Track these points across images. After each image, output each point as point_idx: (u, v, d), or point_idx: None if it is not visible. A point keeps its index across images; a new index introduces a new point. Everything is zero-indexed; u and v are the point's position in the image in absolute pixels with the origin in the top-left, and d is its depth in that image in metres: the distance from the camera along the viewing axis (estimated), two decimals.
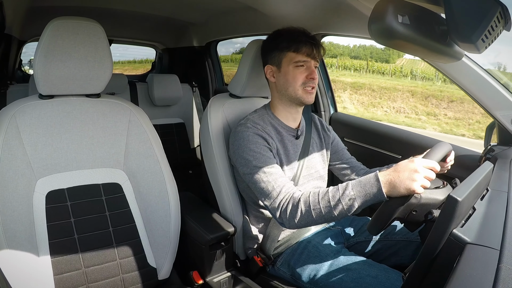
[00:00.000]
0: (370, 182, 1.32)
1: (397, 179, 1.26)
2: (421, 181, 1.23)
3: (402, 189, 1.24)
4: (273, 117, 1.83)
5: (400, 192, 1.25)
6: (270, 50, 1.81)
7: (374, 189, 1.30)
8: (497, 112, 1.76)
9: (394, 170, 1.29)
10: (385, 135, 2.52)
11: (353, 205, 1.34)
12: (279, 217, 1.53)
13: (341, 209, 1.36)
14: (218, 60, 4.54)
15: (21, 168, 1.50)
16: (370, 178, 1.33)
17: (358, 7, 1.83)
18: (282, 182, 1.57)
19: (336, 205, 1.36)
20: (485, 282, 0.76)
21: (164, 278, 1.73)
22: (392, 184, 1.27)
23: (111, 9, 3.27)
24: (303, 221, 1.45)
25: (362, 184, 1.34)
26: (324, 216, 1.40)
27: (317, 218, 1.42)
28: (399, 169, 1.28)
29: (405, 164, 1.28)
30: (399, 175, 1.26)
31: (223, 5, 2.96)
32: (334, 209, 1.37)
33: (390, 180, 1.28)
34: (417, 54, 1.25)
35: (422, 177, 1.23)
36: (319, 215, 1.41)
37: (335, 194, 1.38)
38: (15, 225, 1.43)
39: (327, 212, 1.38)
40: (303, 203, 1.45)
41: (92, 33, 1.57)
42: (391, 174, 1.28)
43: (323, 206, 1.39)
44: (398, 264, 1.75)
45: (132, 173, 1.73)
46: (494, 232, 0.97)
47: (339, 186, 1.39)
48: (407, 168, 1.26)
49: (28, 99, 1.60)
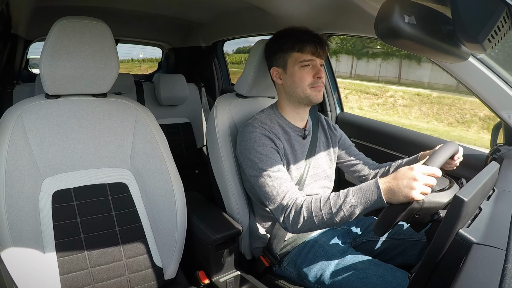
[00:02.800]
0: (371, 190, 1.32)
1: (395, 187, 1.26)
2: (420, 189, 1.22)
3: (401, 197, 1.24)
4: (281, 117, 1.82)
5: (399, 200, 1.25)
6: (274, 52, 1.81)
7: (375, 196, 1.31)
8: (503, 112, 1.75)
9: (393, 177, 1.29)
10: (391, 135, 2.51)
11: (354, 211, 1.34)
12: (283, 222, 1.54)
13: (342, 216, 1.36)
14: (224, 59, 4.55)
15: (27, 167, 1.50)
16: (370, 185, 1.34)
17: (364, 6, 1.82)
18: (287, 187, 1.57)
19: (337, 212, 1.37)
20: (491, 282, 0.76)
21: (170, 277, 1.73)
22: (392, 191, 1.27)
23: (117, 9, 3.28)
24: (306, 226, 1.46)
25: (362, 191, 1.34)
26: (326, 222, 1.41)
27: (319, 224, 1.43)
28: (398, 176, 1.28)
29: (404, 171, 1.28)
30: (397, 183, 1.26)
31: (229, 5, 2.96)
32: (336, 216, 1.37)
33: (389, 187, 1.28)
34: (423, 54, 1.25)
35: (421, 185, 1.23)
36: (321, 221, 1.41)
37: (336, 201, 1.38)
38: (21, 225, 1.43)
39: (329, 219, 1.39)
40: (305, 210, 1.45)
41: (98, 33, 1.57)
42: (391, 181, 1.29)
43: (325, 213, 1.40)
44: (404, 263, 1.75)
45: (138, 172, 1.73)
46: (500, 232, 0.97)
47: (340, 193, 1.40)
48: (406, 176, 1.26)
49: (34, 98, 1.60)
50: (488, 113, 13.77)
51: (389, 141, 2.50)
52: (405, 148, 2.36)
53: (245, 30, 3.56)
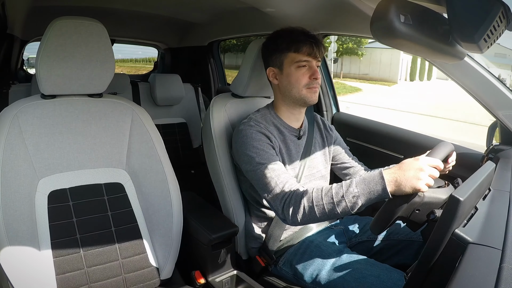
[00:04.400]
0: (375, 180, 1.31)
1: (402, 178, 1.25)
2: (426, 180, 1.22)
3: (408, 188, 1.24)
4: (276, 117, 1.83)
5: (405, 191, 1.24)
6: (270, 52, 1.81)
7: (379, 187, 1.29)
8: (499, 111, 1.76)
9: (399, 168, 1.28)
10: (387, 134, 2.51)
11: (357, 202, 1.33)
12: (282, 213, 1.52)
13: (344, 206, 1.35)
14: (220, 60, 4.55)
15: (23, 168, 1.50)
16: (374, 175, 1.32)
17: (360, 6, 1.82)
18: (285, 178, 1.57)
19: (339, 202, 1.35)
20: (487, 282, 0.76)
21: (166, 277, 1.73)
22: (398, 182, 1.26)
23: (113, 9, 3.28)
24: (306, 217, 1.44)
25: (366, 182, 1.33)
26: (327, 213, 1.39)
27: (319, 215, 1.40)
28: (404, 167, 1.27)
29: (410, 162, 1.27)
30: (404, 174, 1.25)
31: (225, 5, 2.96)
32: (337, 206, 1.35)
33: (395, 178, 1.27)
34: (419, 53, 1.25)
35: (427, 176, 1.23)
36: (322, 212, 1.39)
37: (338, 191, 1.37)
38: (17, 225, 1.43)
39: (330, 209, 1.37)
40: (306, 199, 1.43)
41: (94, 33, 1.57)
42: (396, 172, 1.27)
43: (326, 202, 1.38)
44: (400, 263, 1.74)
45: (134, 172, 1.73)
46: (496, 232, 0.98)
47: (343, 183, 1.38)
48: (413, 166, 1.25)
49: (30, 99, 1.60)
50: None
51: (385, 141, 2.50)
52: (402, 148, 2.36)
53: (241, 30, 3.57)
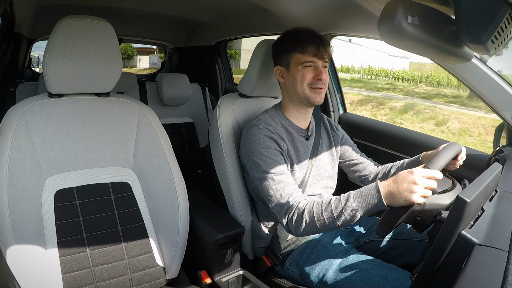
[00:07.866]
0: (371, 193, 1.33)
1: (396, 191, 1.26)
2: (420, 192, 1.23)
3: (402, 201, 1.25)
4: (284, 118, 1.83)
5: (399, 203, 1.25)
6: (278, 52, 1.82)
7: (375, 200, 1.31)
8: (506, 113, 1.75)
9: (394, 181, 1.29)
10: (394, 135, 2.51)
11: (355, 215, 1.35)
12: (286, 225, 1.55)
13: (344, 220, 1.38)
14: (227, 59, 4.54)
15: (30, 166, 1.50)
16: (371, 189, 1.34)
17: (368, 7, 1.82)
18: (290, 190, 1.58)
19: (339, 216, 1.38)
20: (494, 283, 0.76)
21: (172, 277, 1.74)
22: (392, 195, 1.27)
23: (121, 8, 3.28)
24: (308, 230, 1.48)
25: (363, 195, 1.35)
26: (328, 226, 1.42)
27: (321, 227, 1.44)
28: (398, 180, 1.28)
29: (404, 175, 1.28)
30: (398, 187, 1.26)
31: (232, 5, 2.96)
32: (337, 220, 1.38)
33: (389, 191, 1.28)
34: (427, 55, 1.25)
35: (421, 189, 1.23)
36: (323, 225, 1.43)
37: (337, 205, 1.39)
38: (24, 224, 1.43)
39: (331, 223, 1.40)
40: (307, 214, 1.46)
41: (101, 32, 1.57)
42: (391, 185, 1.29)
43: (327, 217, 1.41)
44: (407, 264, 1.74)
45: (141, 172, 1.74)
46: (503, 234, 0.97)
47: (341, 197, 1.41)
48: (406, 179, 1.26)
49: (37, 97, 1.60)
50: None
51: (391, 142, 2.49)
52: (408, 149, 2.35)
53: (248, 30, 3.57)
